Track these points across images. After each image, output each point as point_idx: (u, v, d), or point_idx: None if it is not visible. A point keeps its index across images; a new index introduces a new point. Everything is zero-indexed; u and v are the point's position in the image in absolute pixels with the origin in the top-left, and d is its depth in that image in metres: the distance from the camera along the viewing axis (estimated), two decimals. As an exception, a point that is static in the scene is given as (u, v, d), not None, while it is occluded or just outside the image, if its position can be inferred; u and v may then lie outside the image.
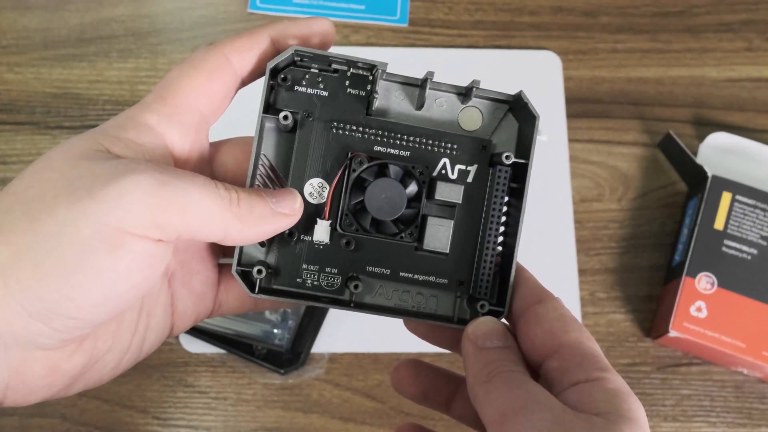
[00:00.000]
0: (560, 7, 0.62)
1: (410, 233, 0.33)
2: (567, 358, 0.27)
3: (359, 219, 0.33)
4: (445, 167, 0.34)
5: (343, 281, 0.33)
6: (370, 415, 0.52)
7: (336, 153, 0.33)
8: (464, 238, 0.33)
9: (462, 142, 0.33)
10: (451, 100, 0.34)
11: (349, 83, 0.34)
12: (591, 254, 0.56)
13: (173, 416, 0.52)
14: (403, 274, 0.33)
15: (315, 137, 0.33)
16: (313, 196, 0.33)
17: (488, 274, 0.33)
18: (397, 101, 0.34)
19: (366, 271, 0.33)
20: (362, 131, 0.33)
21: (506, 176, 0.34)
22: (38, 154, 0.56)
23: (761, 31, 0.61)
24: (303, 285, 0.32)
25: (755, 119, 0.59)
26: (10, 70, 0.59)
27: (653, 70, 0.60)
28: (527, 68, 0.60)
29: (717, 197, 0.53)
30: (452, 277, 0.33)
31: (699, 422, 0.53)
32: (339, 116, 0.33)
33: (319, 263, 0.33)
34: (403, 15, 0.61)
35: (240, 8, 0.61)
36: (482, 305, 0.32)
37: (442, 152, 0.33)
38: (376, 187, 0.32)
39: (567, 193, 0.57)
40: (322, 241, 0.33)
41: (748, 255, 0.52)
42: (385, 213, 0.32)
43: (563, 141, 0.58)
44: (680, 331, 0.50)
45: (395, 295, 0.33)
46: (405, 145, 0.33)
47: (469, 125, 0.34)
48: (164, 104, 0.29)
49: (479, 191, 0.34)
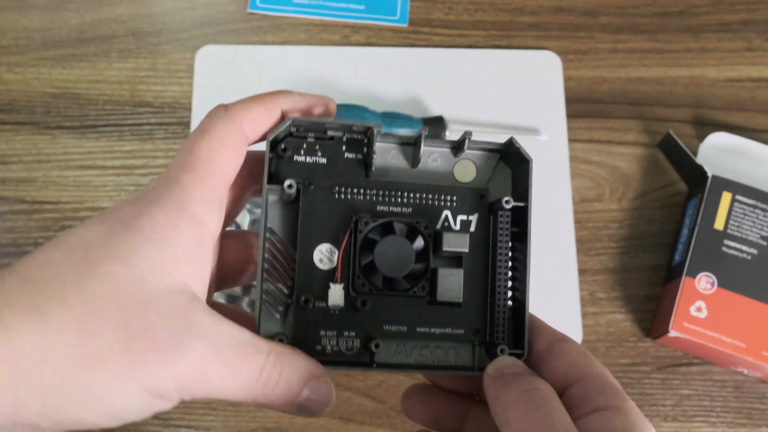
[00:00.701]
0: (560, 7, 0.62)
1: (422, 287, 0.33)
2: (589, 386, 0.27)
3: (371, 278, 0.33)
4: (447, 219, 0.34)
5: (362, 343, 0.33)
6: (370, 415, 0.52)
7: (340, 217, 0.33)
8: (475, 286, 0.34)
9: (460, 193, 0.34)
10: (445, 155, 0.35)
11: (345, 148, 0.35)
12: (591, 254, 0.56)
13: (173, 416, 0.52)
14: (420, 330, 0.33)
15: (318, 204, 0.34)
16: (323, 262, 0.33)
17: (503, 319, 0.34)
18: (393, 161, 0.35)
19: (383, 331, 0.33)
20: (364, 193, 0.34)
21: (507, 220, 0.34)
22: (38, 154, 0.56)
23: (761, 31, 0.61)
24: (323, 352, 0.32)
25: (755, 119, 0.59)
26: (10, 70, 0.59)
27: (653, 70, 0.60)
28: (527, 68, 0.60)
29: (717, 197, 0.53)
30: (468, 326, 0.34)
31: (699, 422, 0.53)
32: (339, 181, 0.34)
33: (337, 328, 0.33)
34: (403, 15, 0.61)
35: (240, 8, 0.61)
36: (502, 349, 0.32)
37: (442, 205, 0.34)
38: (384, 245, 0.33)
39: (567, 193, 0.57)
40: (337, 305, 0.33)
41: (748, 255, 0.52)
42: (395, 270, 0.33)
43: (563, 141, 0.58)
44: (680, 331, 0.50)
45: (414, 352, 0.33)
46: (406, 202, 0.34)
47: (465, 177, 0.35)
48: (204, 188, 0.28)
49: (484, 239, 0.34)
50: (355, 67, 0.59)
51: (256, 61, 0.59)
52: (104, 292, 0.25)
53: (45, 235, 0.54)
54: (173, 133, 0.57)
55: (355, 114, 0.54)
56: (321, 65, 0.59)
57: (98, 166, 0.56)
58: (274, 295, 0.33)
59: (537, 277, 0.44)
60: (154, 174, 0.56)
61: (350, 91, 0.58)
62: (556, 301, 0.54)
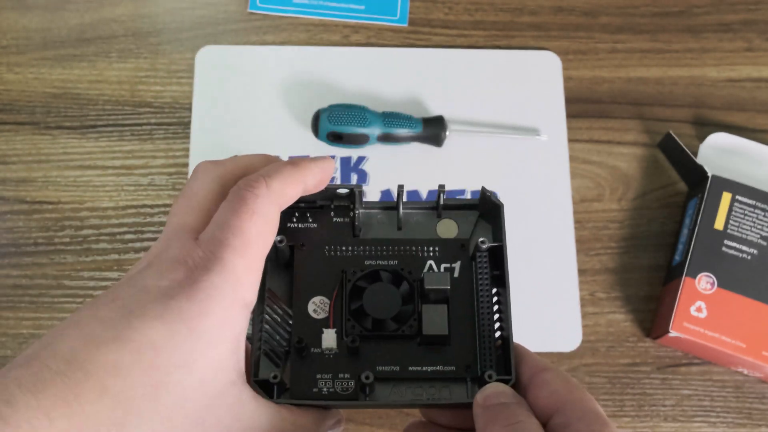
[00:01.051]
0: (560, 7, 0.62)
1: (410, 326, 0.35)
2: (570, 414, 0.28)
3: (361, 322, 0.35)
4: (431, 268, 0.37)
5: (357, 384, 0.34)
6: (370, 415, 0.52)
7: (331, 272, 0.36)
8: (463, 325, 0.36)
9: (442, 244, 0.37)
10: (427, 216, 0.38)
11: (333, 213, 0.38)
12: (591, 254, 0.56)
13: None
14: (412, 368, 0.35)
15: (310, 261, 0.36)
16: (317, 312, 0.36)
17: (490, 351, 0.35)
18: (379, 225, 0.38)
19: (376, 371, 0.34)
20: (352, 250, 0.37)
21: (486, 259, 0.36)
22: (38, 154, 0.56)
23: (761, 31, 0.61)
24: (319, 394, 0.34)
25: (755, 119, 0.59)
26: (10, 70, 0.59)
27: (653, 70, 0.60)
28: (527, 68, 0.60)
29: (717, 197, 0.53)
30: (459, 363, 0.35)
31: (699, 422, 0.53)
32: (329, 242, 0.37)
33: (332, 371, 0.35)
34: (403, 15, 0.61)
35: (240, 8, 0.61)
36: (490, 375, 0.33)
37: (426, 255, 0.37)
38: (372, 291, 0.35)
39: (567, 193, 0.57)
40: (331, 348, 0.35)
41: (748, 255, 0.52)
42: (383, 312, 0.35)
43: (563, 141, 0.58)
44: (680, 331, 0.50)
45: (409, 391, 0.35)
46: (392, 255, 0.37)
47: (448, 234, 0.38)
48: (253, 273, 0.29)
49: (467, 283, 0.36)
50: (355, 67, 0.59)
51: (256, 61, 0.59)
52: (174, 404, 0.26)
53: (45, 234, 0.54)
54: (173, 133, 0.57)
55: (355, 114, 0.54)
56: (321, 65, 0.59)
57: (98, 166, 0.56)
58: (271, 344, 0.35)
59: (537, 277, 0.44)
60: (154, 174, 0.56)
61: (350, 91, 0.58)
62: (556, 301, 0.54)
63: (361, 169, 0.56)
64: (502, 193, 0.56)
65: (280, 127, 0.57)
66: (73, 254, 0.54)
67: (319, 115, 0.55)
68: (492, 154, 0.57)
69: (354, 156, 0.57)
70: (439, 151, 0.57)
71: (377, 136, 0.55)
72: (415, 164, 0.57)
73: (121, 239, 0.55)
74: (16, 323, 0.53)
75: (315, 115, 0.55)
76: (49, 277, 0.54)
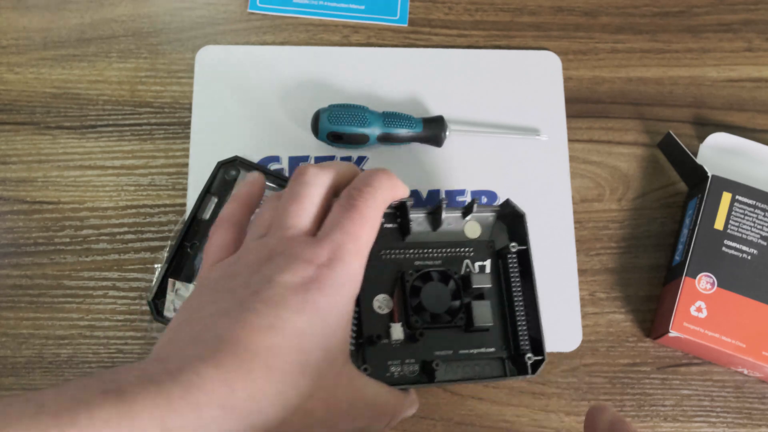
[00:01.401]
0: (560, 7, 0.62)
1: (460, 318, 0.43)
2: None
3: (421, 315, 0.43)
4: (468, 266, 0.45)
5: (421, 367, 0.42)
6: (370, 415, 0.52)
7: (389, 273, 0.44)
8: (499, 312, 0.44)
9: (475, 246, 0.45)
10: (457, 218, 0.45)
11: (384, 221, 0.44)
12: (591, 254, 0.56)
13: (173, 416, 0.52)
14: (462, 352, 0.43)
15: (372, 266, 0.42)
16: (381, 308, 0.43)
17: (524, 335, 0.44)
18: (418, 227, 0.45)
19: (435, 355, 0.43)
20: (404, 253, 0.44)
21: (515, 260, 0.45)
22: (38, 154, 0.56)
23: (761, 31, 0.61)
24: (392, 378, 0.42)
25: (755, 119, 0.59)
26: (10, 70, 0.59)
27: (653, 70, 0.60)
28: (527, 68, 0.60)
29: (717, 197, 0.53)
30: (498, 344, 0.44)
31: (699, 422, 0.53)
32: (384, 247, 0.44)
33: (400, 357, 0.42)
34: (403, 15, 0.61)
35: (240, 8, 0.61)
36: (528, 357, 0.43)
37: (463, 255, 0.45)
38: (427, 290, 0.43)
39: (567, 193, 0.57)
40: (398, 339, 0.42)
41: (748, 255, 0.52)
42: (438, 307, 0.43)
43: (563, 141, 0.58)
44: (680, 331, 0.50)
45: (460, 369, 0.43)
46: (437, 256, 0.44)
47: (473, 234, 0.45)
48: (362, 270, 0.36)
49: (496, 277, 0.45)
50: (355, 67, 0.59)
51: (256, 61, 0.59)
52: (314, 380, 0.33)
53: (45, 234, 0.54)
54: (173, 133, 0.57)
55: (355, 114, 0.54)
56: (321, 65, 0.59)
57: (98, 166, 0.56)
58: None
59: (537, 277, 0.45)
60: (154, 174, 0.56)
61: (350, 91, 0.58)
62: (556, 301, 0.54)
63: (362, 169, 0.56)
64: (503, 193, 0.56)
65: (279, 127, 0.57)
66: (73, 254, 0.54)
67: (319, 115, 0.55)
68: (492, 154, 0.57)
69: (354, 156, 0.57)
70: (439, 151, 0.57)
71: (377, 136, 0.55)
72: (415, 164, 0.57)
73: (121, 239, 0.55)
74: (16, 323, 0.53)
75: (315, 115, 0.55)
76: (49, 277, 0.54)
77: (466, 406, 0.52)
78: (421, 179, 0.56)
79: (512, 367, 0.43)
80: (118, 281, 0.54)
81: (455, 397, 0.52)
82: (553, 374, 0.53)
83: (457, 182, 0.56)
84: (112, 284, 0.54)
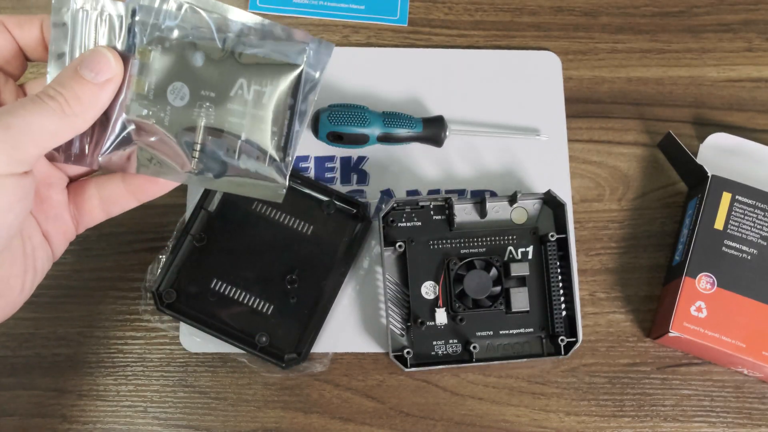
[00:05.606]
0: (560, 7, 0.62)
1: (500, 303, 0.49)
2: None
3: (463, 301, 0.49)
4: (511, 252, 0.50)
5: (463, 346, 0.49)
6: (370, 415, 0.52)
7: (436, 261, 0.50)
8: (537, 296, 0.50)
9: (518, 233, 0.50)
10: (504, 206, 0.51)
11: (433, 212, 0.51)
12: (591, 254, 0.56)
13: (173, 416, 0.52)
14: (502, 332, 0.50)
15: (420, 254, 0.49)
16: (428, 294, 0.49)
17: (561, 318, 0.50)
18: (468, 216, 0.51)
19: (476, 336, 0.49)
20: (450, 242, 0.50)
21: (555, 247, 0.51)
22: (38, 154, 0.56)
23: (761, 31, 0.61)
24: (437, 357, 0.49)
25: (755, 119, 0.59)
26: (10, 70, 0.59)
27: (653, 70, 0.60)
28: (527, 68, 0.60)
29: (717, 197, 0.53)
30: (536, 326, 0.50)
31: (699, 422, 0.53)
32: (432, 236, 0.50)
33: (444, 338, 0.49)
34: (403, 15, 0.61)
35: (240, 8, 0.61)
36: (561, 339, 0.49)
37: (506, 243, 0.50)
38: (470, 277, 0.49)
39: (567, 193, 0.57)
40: (443, 323, 0.49)
41: (747, 255, 0.52)
42: (479, 293, 0.49)
43: (563, 141, 0.58)
44: (680, 331, 0.50)
45: (500, 348, 0.50)
46: (481, 244, 0.50)
47: (520, 220, 0.51)
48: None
49: (538, 263, 0.51)
50: (355, 67, 0.59)
51: (256, 61, 0.59)
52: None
53: (45, 235, 0.54)
54: (173, 133, 0.57)
55: (355, 114, 0.54)
56: (321, 65, 0.59)
57: (98, 166, 0.56)
58: (396, 321, 0.50)
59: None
60: (154, 174, 0.56)
61: (350, 91, 0.58)
62: (556, 301, 0.54)
63: (362, 169, 0.56)
64: (502, 194, 0.56)
65: (280, 127, 0.57)
66: (73, 254, 0.54)
67: (319, 115, 0.55)
68: (492, 154, 0.57)
69: (354, 156, 0.57)
70: (439, 151, 0.57)
71: (377, 136, 0.55)
72: (415, 164, 0.57)
73: (121, 239, 0.55)
74: (16, 323, 0.53)
75: (315, 115, 0.55)
76: (49, 277, 0.54)
77: (466, 406, 0.52)
78: (421, 179, 0.56)
79: (550, 345, 0.50)
80: (118, 281, 0.54)
81: (455, 397, 0.52)
82: (553, 374, 0.53)
83: (457, 182, 0.56)
84: (112, 284, 0.54)
